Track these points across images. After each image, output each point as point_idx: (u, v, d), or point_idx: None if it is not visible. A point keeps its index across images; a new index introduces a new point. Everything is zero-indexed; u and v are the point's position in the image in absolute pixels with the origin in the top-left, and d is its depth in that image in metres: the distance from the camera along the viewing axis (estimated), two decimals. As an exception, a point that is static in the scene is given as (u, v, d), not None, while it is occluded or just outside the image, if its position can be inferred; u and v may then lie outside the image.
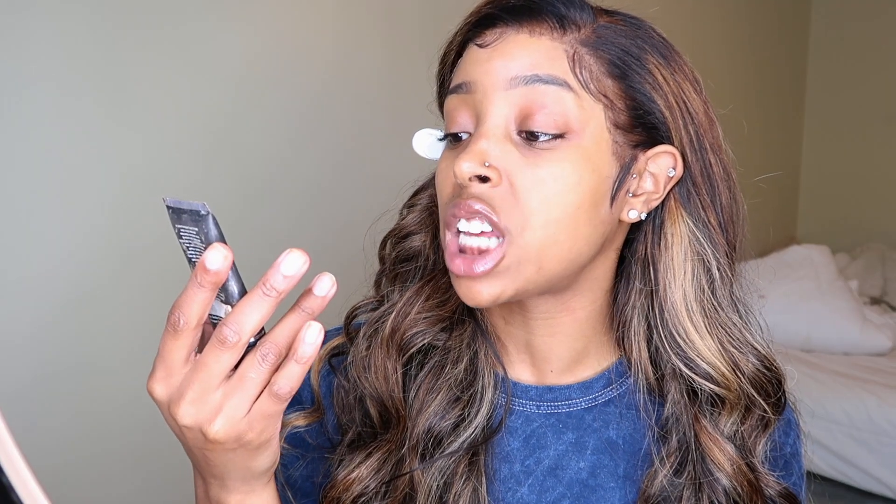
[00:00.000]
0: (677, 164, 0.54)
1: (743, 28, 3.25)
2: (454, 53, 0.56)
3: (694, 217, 0.56)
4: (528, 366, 0.61)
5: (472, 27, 0.54)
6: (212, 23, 1.36)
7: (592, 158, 0.51)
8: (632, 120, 0.53)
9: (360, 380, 0.59)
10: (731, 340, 0.56)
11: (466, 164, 0.50)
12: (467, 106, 0.53)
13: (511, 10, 0.52)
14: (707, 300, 0.55)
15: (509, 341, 0.61)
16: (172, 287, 1.47)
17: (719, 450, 0.55)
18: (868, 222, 3.66)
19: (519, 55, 0.51)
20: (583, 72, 0.51)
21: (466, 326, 0.60)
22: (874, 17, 3.59)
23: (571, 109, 0.51)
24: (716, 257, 0.55)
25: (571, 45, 0.52)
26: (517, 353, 0.61)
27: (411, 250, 0.63)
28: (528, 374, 0.61)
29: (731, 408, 0.56)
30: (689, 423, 0.57)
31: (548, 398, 0.60)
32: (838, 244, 3.50)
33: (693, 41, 2.88)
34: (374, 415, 0.59)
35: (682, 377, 0.56)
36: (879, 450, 2.25)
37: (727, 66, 3.14)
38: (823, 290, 2.77)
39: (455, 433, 0.57)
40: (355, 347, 0.61)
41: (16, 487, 0.26)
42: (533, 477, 0.58)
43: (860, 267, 3.38)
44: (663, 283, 0.55)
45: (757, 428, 0.57)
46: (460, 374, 0.58)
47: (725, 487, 0.55)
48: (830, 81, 3.76)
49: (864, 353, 2.65)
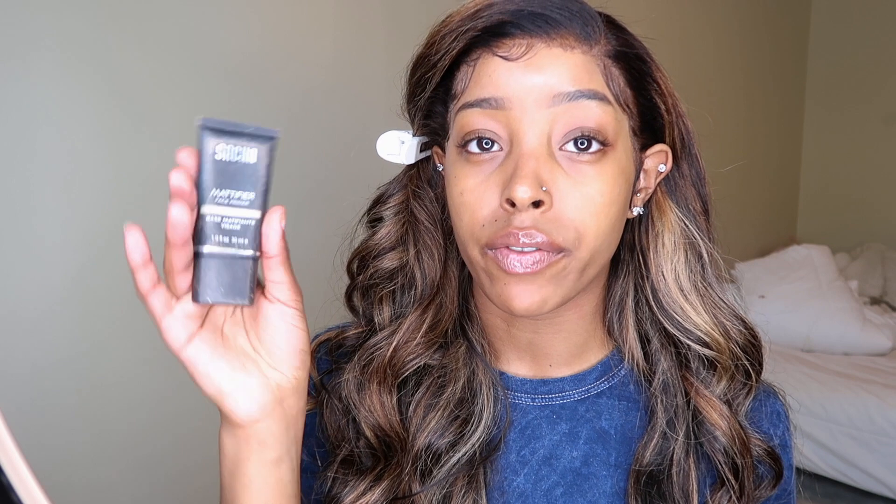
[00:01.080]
0: (668, 160, 0.57)
1: (743, 28, 3.25)
2: (450, 60, 0.53)
3: (681, 206, 0.59)
4: (528, 363, 0.62)
5: (481, 34, 0.51)
6: (211, 21, 1.36)
7: (624, 168, 0.53)
8: (642, 125, 0.55)
9: (355, 406, 0.59)
10: (724, 314, 0.59)
11: (524, 189, 0.48)
12: (496, 121, 0.51)
13: (532, 20, 0.50)
14: (699, 280, 0.58)
15: (510, 343, 0.62)
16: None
17: (715, 410, 0.58)
18: (868, 222, 3.66)
19: (559, 71, 0.50)
20: (614, 84, 0.52)
21: (461, 344, 0.61)
22: (874, 18, 3.59)
23: (611, 123, 0.51)
24: (704, 241, 0.58)
25: (600, 59, 0.52)
26: (517, 352, 0.62)
27: (387, 269, 0.61)
28: (526, 370, 0.62)
29: (724, 370, 0.58)
30: (681, 388, 0.59)
31: (542, 391, 0.61)
32: (838, 244, 3.51)
33: (693, 41, 2.88)
34: (373, 441, 0.59)
35: (673, 344, 0.59)
36: (879, 450, 2.25)
37: (727, 65, 3.14)
38: (823, 290, 2.77)
39: (454, 450, 0.58)
40: (350, 372, 0.60)
41: (16, 487, 0.26)
42: (528, 466, 0.60)
43: (860, 267, 3.38)
44: (655, 269, 0.58)
45: (740, 393, 0.60)
46: (458, 394, 0.59)
47: (724, 446, 0.57)
48: (830, 81, 3.76)
49: (864, 353, 2.66)
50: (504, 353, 0.62)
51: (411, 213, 0.61)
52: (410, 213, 0.61)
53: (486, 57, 0.51)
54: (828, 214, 3.82)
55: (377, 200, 0.64)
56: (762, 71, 3.43)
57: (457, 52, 0.52)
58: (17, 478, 0.26)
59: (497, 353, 0.62)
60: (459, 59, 0.53)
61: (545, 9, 0.50)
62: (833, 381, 2.41)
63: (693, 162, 0.59)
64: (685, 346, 0.59)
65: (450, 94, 0.55)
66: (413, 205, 0.61)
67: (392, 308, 0.61)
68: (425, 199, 0.62)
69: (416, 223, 0.61)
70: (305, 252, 1.64)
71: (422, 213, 0.61)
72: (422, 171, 0.62)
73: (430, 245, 0.61)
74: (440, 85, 0.55)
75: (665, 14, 2.72)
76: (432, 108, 0.57)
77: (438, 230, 0.61)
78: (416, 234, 0.61)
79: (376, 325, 0.62)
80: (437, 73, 0.54)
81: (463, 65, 0.53)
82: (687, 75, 2.86)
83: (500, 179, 0.51)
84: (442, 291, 0.61)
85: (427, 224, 0.61)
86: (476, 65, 0.52)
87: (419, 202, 0.61)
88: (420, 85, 0.56)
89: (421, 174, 0.62)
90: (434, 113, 0.57)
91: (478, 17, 0.51)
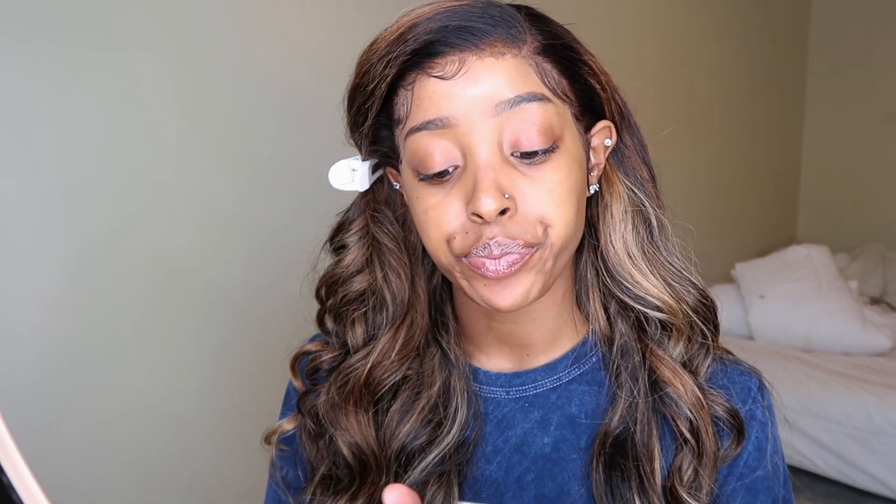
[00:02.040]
0: (612, 134, 0.59)
1: (743, 27, 3.25)
2: (386, 86, 0.53)
3: (630, 176, 0.61)
4: (507, 354, 0.64)
5: (412, 57, 0.51)
6: (210, 20, 1.36)
7: (575, 154, 0.55)
8: (582, 108, 0.56)
9: (332, 426, 0.61)
10: (673, 277, 0.60)
11: (489, 201, 0.49)
12: (447, 140, 0.51)
13: (458, 35, 0.50)
14: (647, 246, 0.60)
15: (490, 336, 0.63)
16: (175, 287, 1.47)
17: (668, 368, 0.59)
18: (868, 222, 3.66)
19: (495, 80, 0.51)
20: (549, 79, 0.53)
21: (435, 353, 0.63)
22: (874, 17, 3.59)
23: (554, 119, 0.52)
24: (652, 207, 0.60)
25: (531, 58, 0.52)
26: (497, 345, 0.64)
27: (356, 292, 0.63)
28: (505, 362, 0.64)
29: (679, 332, 0.60)
30: (637, 349, 0.61)
31: (516, 383, 0.63)
32: (838, 244, 3.50)
33: (692, 40, 2.88)
34: (350, 460, 0.61)
35: (630, 310, 0.61)
36: (879, 450, 2.25)
37: (727, 65, 3.14)
38: (823, 290, 2.77)
39: (425, 451, 0.60)
40: (326, 393, 0.62)
41: (16, 487, 0.26)
42: (501, 455, 0.61)
43: (860, 267, 3.38)
44: (604, 239, 0.60)
45: (699, 354, 0.61)
46: (434, 398, 0.61)
47: (677, 403, 0.58)
48: (830, 81, 3.76)
49: (864, 353, 2.66)
50: (485, 347, 0.64)
51: (373, 237, 0.62)
52: (372, 238, 0.62)
53: (422, 79, 0.52)
54: (828, 214, 3.82)
55: (339, 228, 0.65)
56: (762, 70, 3.43)
57: (391, 79, 0.52)
58: (17, 477, 0.26)
59: (479, 348, 0.64)
60: (395, 84, 0.53)
61: (468, 20, 0.51)
62: (833, 381, 2.41)
63: (633, 132, 0.61)
64: (638, 311, 0.60)
65: (392, 118, 0.55)
66: (374, 230, 0.62)
67: (364, 328, 0.63)
68: (385, 222, 0.63)
69: (379, 246, 0.62)
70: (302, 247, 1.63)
71: (384, 236, 0.62)
72: (377, 193, 0.63)
73: (396, 266, 0.62)
74: (381, 111, 0.55)
75: (665, 14, 2.72)
76: (378, 134, 0.57)
77: (403, 250, 0.62)
78: (380, 257, 0.62)
79: (350, 347, 0.63)
80: (376, 100, 0.54)
81: (400, 89, 0.54)
82: (687, 75, 2.86)
83: (463, 193, 0.52)
84: (412, 309, 0.62)
85: (390, 245, 0.62)
86: (414, 88, 0.52)
87: (379, 226, 0.63)
88: (361, 114, 0.56)
89: (376, 196, 0.63)
90: (380, 138, 0.58)
91: (405, 41, 0.51)
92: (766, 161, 3.61)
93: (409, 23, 0.52)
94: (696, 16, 2.92)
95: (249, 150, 1.45)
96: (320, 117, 1.56)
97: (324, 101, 1.56)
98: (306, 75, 1.54)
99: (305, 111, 1.54)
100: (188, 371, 1.39)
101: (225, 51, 1.39)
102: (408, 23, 0.52)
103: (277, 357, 1.27)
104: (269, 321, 1.50)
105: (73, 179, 1.20)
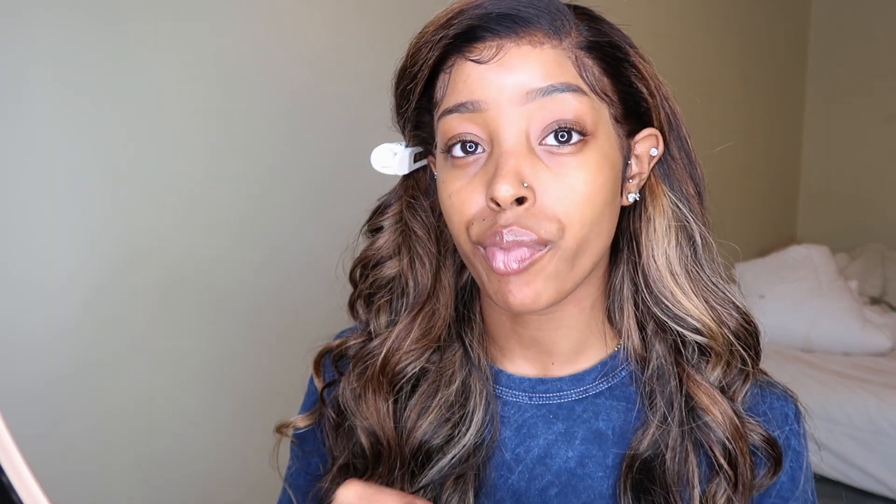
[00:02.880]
0: (659, 144, 0.57)
1: (743, 27, 3.25)
2: (429, 69, 0.54)
3: (675, 190, 0.59)
4: (531, 360, 0.62)
5: (454, 41, 0.52)
6: (209, 20, 1.36)
7: (608, 156, 0.53)
8: (625, 112, 0.55)
9: (352, 414, 0.61)
10: (716, 299, 0.59)
11: (506, 188, 0.49)
12: (475, 124, 0.52)
13: (500, 21, 0.51)
14: (691, 264, 0.58)
15: (515, 340, 0.62)
16: (179, 289, 1.47)
17: (706, 395, 0.57)
18: (868, 222, 3.66)
19: (529, 68, 0.51)
20: (587, 74, 0.52)
21: (457, 349, 0.62)
22: (875, 17, 3.59)
23: (588, 113, 0.52)
24: (697, 224, 0.58)
25: (571, 51, 0.52)
26: (521, 350, 0.62)
27: (386, 277, 0.63)
28: (529, 368, 0.63)
29: (718, 357, 0.58)
30: (674, 373, 0.59)
31: (540, 389, 0.61)
32: (838, 244, 3.50)
33: (693, 41, 2.88)
34: (367, 447, 0.61)
35: (668, 331, 0.59)
36: (879, 450, 2.25)
37: (727, 65, 3.14)
38: (823, 290, 2.77)
39: (443, 451, 0.59)
40: (346, 381, 0.63)
41: (16, 487, 0.26)
42: (523, 465, 0.60)
43: (860, 267, 3.38)
44: (646, 253, 0.58)
45: (737, 380, 0.59)
46: (451, 396, 0.60)
47: (715, 431, 0.57)
48: (831, 81, 3.76)
49: (864, 353, 2.66)
50: (508, 350, 0.63)
51: (405, 223, 0.63)
52: (405, 224, 0.63)
53: (460, 63, 0.52)
54: (828, 214, 3.82)
55: (376, 211, 0.66)
56: (762, 70, 3.43)
57: (434, 62, 0.53)
58: (17, 477, 0.26)
59: (502, 350, 0.63)
60: (437, 68, 0.54)
61: (512, 9, 0.51)
62: (833, 381, 2.41)
63: (682, 144, 0.59)
64: (676, 333, 0.58)
65: (433, 102, 0.56)
66: (406, 215, 0.63)
67: (388, 316, 0.63)
68: (419, 210, 0.63)
69: (409, 233, 0.63)
70: (309, 248, 1.63)
71: (415, 223, 0.63)
72: (418, 181, 0.64)
73: (422, 254, 0.62)
74: (423, 95, 0.56)
75: (665, 14, 2.72)
76: (420, 119, 0.58)
77: (432, 240, 0.63)
78: (409, 244, 0.63)
79: (372, 332, 0.64)
80: (419, 83, 0.55)
81: (441, 73, 0.54)
82: (687, 75, 2.86)
83: (484, 179, 0.52)
84: (434, 298, 0.62)
85: (420, 233, 0.62)
86: (452, 71, 0.53)
87: (412, 212, 0.63)
88: (405, 97, 0.57)
89: (417, 184, 0.64)
90: (422, 123, 0.58)
91: (449, 26, 0.52)
92: (766, 161, 3.61)
93: (458, 9, 0.53)
94: (695, 15, 2.92)
95: (257, 153, 1.45)
96: (323, 117, 1.56)
97: (324, 100, 1.57)
98: (306, 74, 1.53)
99: (310, 112, 1.54)
100: (190, 373, 1.39)
101: (236, 55, 1.39)
102: (456, 9, 0.53)
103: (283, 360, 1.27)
104: (276, 325, 1.50)
105: (79, 183, 1.20)
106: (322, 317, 0.70)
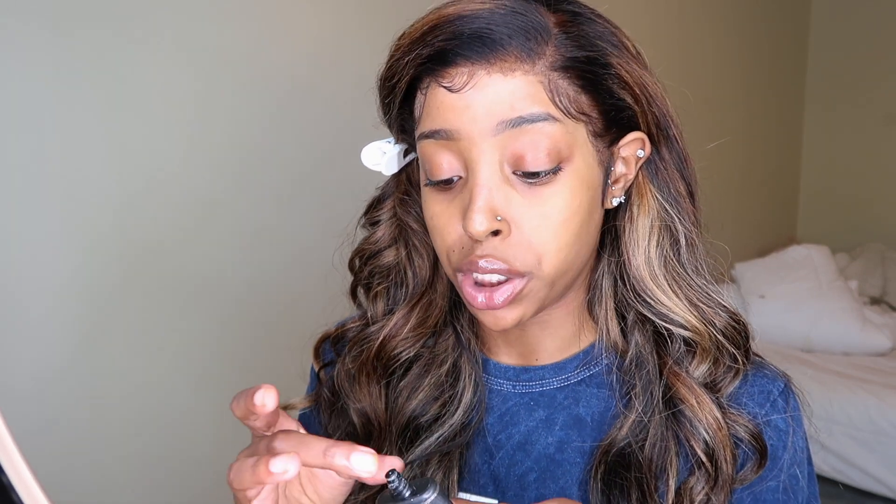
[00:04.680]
0: (646, 146, 0.56)
1: (743, 28, 3.25)
2: (405, 86, 0.54)
3: (663, 190, 0.58)
4: (515, 356, 0.64)
5: (427, 62, 0.51)
6: (208, 20, 1.36)
7: (585, 177, 0.53)
8: (606, 124, 0.54)
9: (346, 395, 0.64)
10: (700, 298, 0.58)
11: (479, 221, 0.49)
12: (450, 151, 0.52)
13: (471, 46, 0.50)
14: (672, 265, 0.57)
15: (500, 336, 0.64)
16: (173, 285, 1.47)
17: (686, 388, 0.57)
18: (868, 222, 3.66)
19: (500, 98, 0.50)
20: (561, 99, 0.51)
21: (449, 334, 0.64)
22: (874, 18, 3.59)
23: (561, 139, 0.51)
24: (683, 224, 0.57)
25: (544, 74, 0.50)
26: (506, 346, 0.64)
27: (384, 266, 0.64)
28: (513, 360, 0.64)
29: (704, 353, 0.57)
30: (654, 362, 0.58)
31: (524, 378, 0.62)
32: (838, 244, 3.50)
33: (693, 41, 2.88)
34: (357, 425, 0.63)
35: (649, 322, 0.58)
36: (879, 450, 2.25)
37: (727, 65, 3.14)
38: (823, 290, 2.77)
39: (431, 430, 0.60)
40: (341, 362, 0.65)
41: (16, 487, 0.26)
42: (503, 451, 0.61)
43: (860, 267, 3.38)
44: (627, 252, 0.58)
45: (726, 377, 0.59)
46: (442, 377, 0.62)
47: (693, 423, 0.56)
48: (830, 81, 3.76)
49: (864, 353, 2.66)
50: (494, 345, 0.64)
51: (400, 217, 0.64)
52: (399, 218, 0.64)
53: (434, 87, 0.52)
54: (828, 214, 3.81)
55: (373, 204, 0.66)
56: (762, 71, 3.43)
57: (409, 80, 0.53)
58: (17, 477, 0.26)
59: (486, 343, 0.65)
60: (414, 85, 0.54)
61: (485, 29, 0.50)
62: (833, 381, 2.41)
63: (672, 145, 0.57)
64: (658, 326, 0.58)
65: (413, 115, 0.56)
66: (400, 211, 0.64)
67: (385, 303, 0.65)
68: (412, 205, 0.64)
69: (405, 226, 0.64)
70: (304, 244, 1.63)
71: (409, 218, 0.63)
72: (410, 175, 0.64)
73: (420, 247, 0.63)
74: (404, 105, 0.56)
75: (665, 14, 2.72)
76: (404, 124, 0.58)
77: (427, 232, 0.62)
78: (406, 237, 0.64)
79: (369, 318, 0.65)
80: (397, 96, 0.55)
81: (418, 92, 0.54)
82: (687, 75, 2.86)
83: (460, 208, 0.52)
84: (432, 289, 0.64)
85: (415, 227, 0.63)
86: (427, 93, 0.53)
87: (405, 208, 0.64)
88: (387, 105, 0.57)
89: (409, 179, 0.64)
90: (407, 128, 0.58)
91: (424, 43, 0.51)
92: (766, 161, 3.61)
93: (432, 23, 0.51)
94: (694, 15, 2.92)
95: (248, 149, 1.45)
96: (306, 109, 1.56)
97: (318, 96, 1.57)
98: (303, 72, 1.53)
99: (305, 108, 1.54)
100: (188, 370, 1.39)
101: (224, 49, 1.39)
102: (431, 22, 0.52)
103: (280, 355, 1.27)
104: (271, 319, 1.50)
105: (76, 180, 1.20)
106: (318, 311, 0.70)
